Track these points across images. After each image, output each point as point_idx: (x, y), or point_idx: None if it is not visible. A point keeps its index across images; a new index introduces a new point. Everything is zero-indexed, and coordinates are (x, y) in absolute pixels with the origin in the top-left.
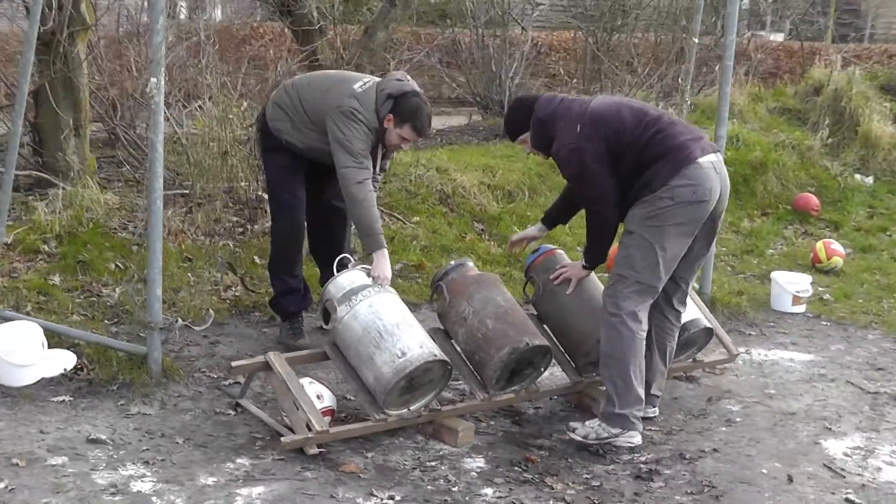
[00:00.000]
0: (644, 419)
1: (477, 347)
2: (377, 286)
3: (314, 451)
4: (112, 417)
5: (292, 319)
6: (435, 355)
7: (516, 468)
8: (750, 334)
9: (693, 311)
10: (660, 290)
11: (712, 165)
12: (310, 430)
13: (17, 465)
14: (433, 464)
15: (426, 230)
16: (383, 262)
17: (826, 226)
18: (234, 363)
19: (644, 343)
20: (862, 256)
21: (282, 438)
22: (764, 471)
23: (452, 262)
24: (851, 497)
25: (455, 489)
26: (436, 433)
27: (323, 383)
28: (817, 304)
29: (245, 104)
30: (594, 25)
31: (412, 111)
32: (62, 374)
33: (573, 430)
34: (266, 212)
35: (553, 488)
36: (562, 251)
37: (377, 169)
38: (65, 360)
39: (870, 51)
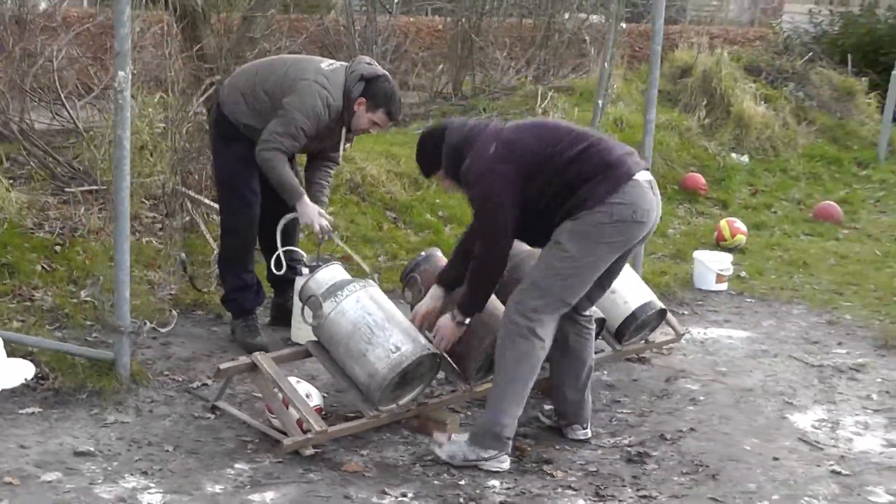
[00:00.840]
0: (578, 441)
1: (458, 339)
2: (360, 282)
3: (310, 451)
4: (90, 427)
5: (247, 317)
6: (428, 349)
7: (511, 458)
8: (683, 313)
9: (646, 293)
10: (572, 305)
11: (650, 185)
12: (304, 430)
13: (11, 483)
14: (430, 458)
15: (344, 221)
16: (306, 209)
17: (714, 204)
18: (221, 366)
19: (540, 360)
20: (757, 234)
21: (283, 441)
22: (746, 447)
23: (423, 253)
24: (836, 468)
25: (462, 482)
26: (422, 427)
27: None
28: (736, 281)
29: (158, 96)
30: (466, 10)
31: (387, 96)
32: (23, 385)
33: (439, 446)
34: (183, 207)
35: (554, 476)
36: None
37: (340, 152)
38: (24, 370)
39: (727, 32)
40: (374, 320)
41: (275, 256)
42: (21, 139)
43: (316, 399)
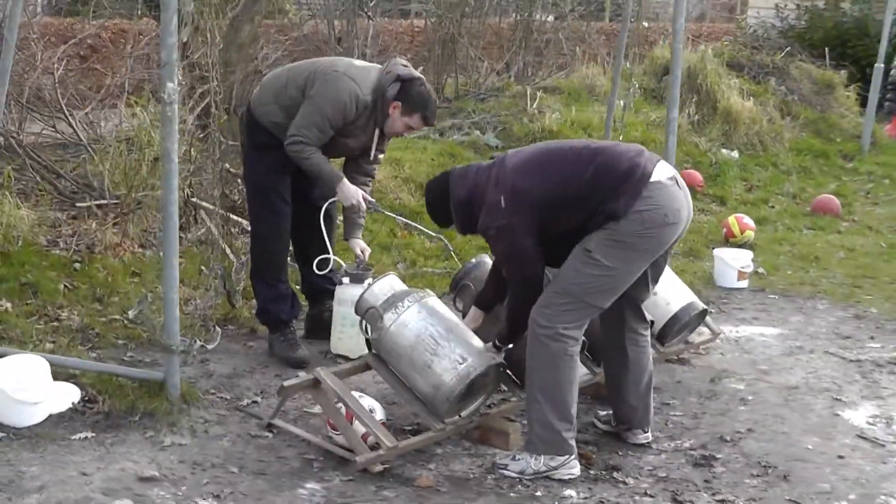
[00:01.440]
0: (639, 445)
1: (516, 346)
2: (418, 293)
3: (379, 468)
4: (148, 451)
5: (284, 329)
6: (494, 358)
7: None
8: (711, 312)
9: (687, 293)
10: (604, 309)
11: (673, 180)
12: (370, 446)
13: None
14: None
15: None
16: (346, 189)
17: (712, 201)
18: (285, 383)
19: (577, 360)
20: (761, 229)
21: (357, 458)
22: (809, 446)
23: (473, 260)
24: None
25: (538, 493)
26: (484, 437)
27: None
28: (755, 278)
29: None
30: (449, 12)
31: (424, 100)
32: (71, 409)
33: (505, 468)
34: (197, 219)
35: (627, 483)
36: None
37: (372, 156)
38: (70, 394)
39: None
40: (438, 331)
41: (318, 259)
42: (22, 153)
43: (380, 413)
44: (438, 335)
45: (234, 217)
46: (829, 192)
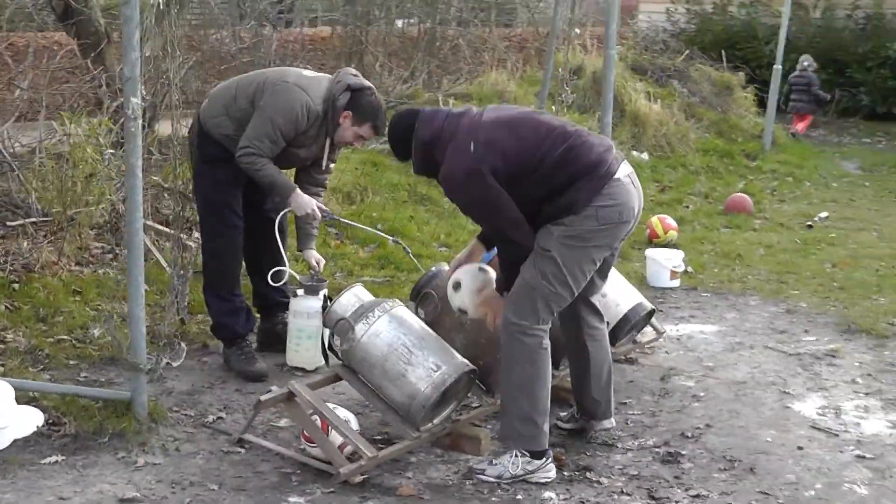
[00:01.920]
0: (603, 430)
1: (480, 353)
2: (387, 302)
3: (359, 478)
4: (122, 472)
5: (240, 343)
6: (468, 365)
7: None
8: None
9: (635, 294)
10: (568, 302)
11: (630, 179)
12: (346, 457)
13: None
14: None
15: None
16: (300, 200)
17: None
18: (262, 398)
19: (549, 354)
20: (681, 229)
21: (340, 470)
22: (767, 439)
23: (433, 269)
24: (859, 453)
25: (519, 497)
26: (455, 444)
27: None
28: (685, 277)
29: (96, 119)
30: (356, 19)
31: (374, 109)
32: (36, 433)
33: (482, 472)
34: None
35: (601, 483)
36: None
37: (323, 166)
38: (33, 418)
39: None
40: (410, 340)
41: (272, 271)
42: None
43: (354, 424)
44: (411, 344)
45: (167, 230)
46: (738, 190)
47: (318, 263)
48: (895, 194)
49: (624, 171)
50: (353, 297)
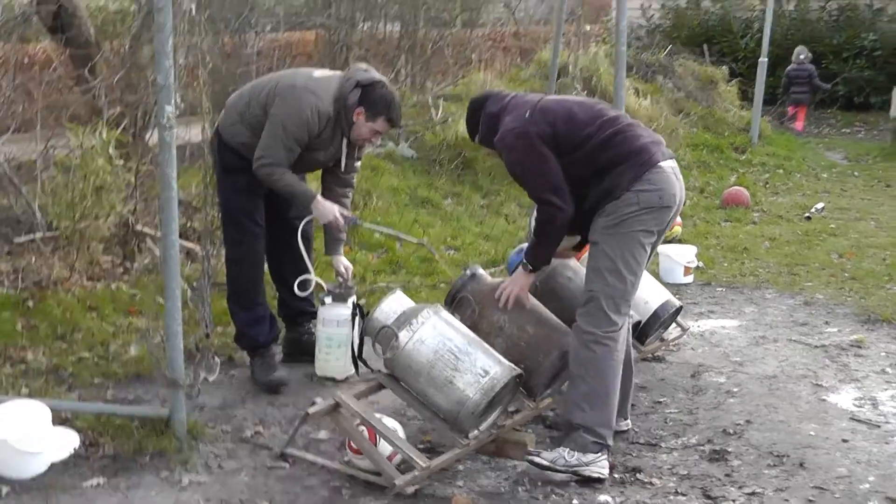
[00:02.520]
0: (618, 432)
1: (521, 356)
2: (430, 307)
3: (412, 489)
4: (168, 492)
5: (263, 353)
6: (514, 369)
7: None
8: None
9: (663, 291)
10: (632, 299)
11: (672, 171)
12: (397, 468)
13: None
14: (526, 481)
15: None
16: (322, 207)
17: None
18: (310, 410)
19: (621, 361)
20: (682, 224)
21: (395, 481)
22: (811, 433)
23: (467, 272)
24: None
25: (575, 502)
26: (500, 450)
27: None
28: (697, 272)
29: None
30: (341, 23)
31: (386, 103)
32: (73, 456)
33: (537, 455)
34: (141, 249)
35: (654, 484)
36: None
37: (342, 168)
38: (69, 440)
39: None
40: (456, 345)
41: (298, 280)
42: None
43: (402, 433)
44: (458, 349)
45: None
46: (731, 184)
47: (346, 270)
48: (885, 183)
49: (668, 163)
50: (395, 303)
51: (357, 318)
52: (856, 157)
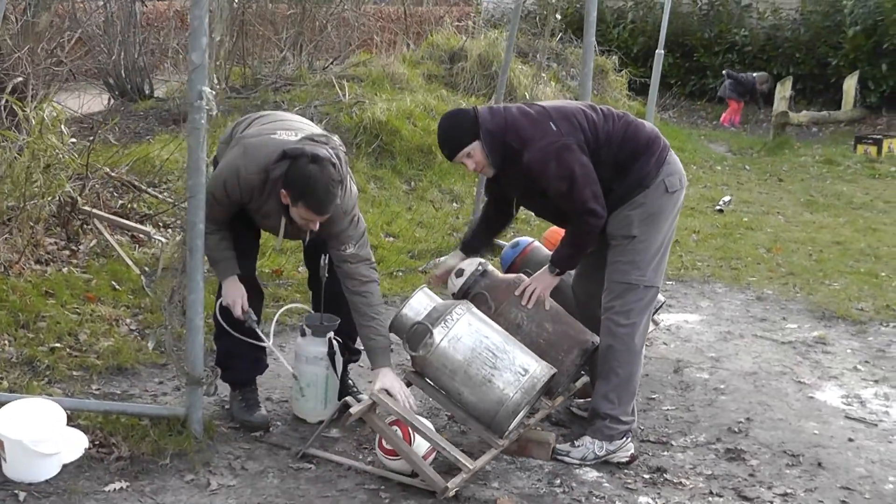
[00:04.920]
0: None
1: (540, 354)
2: (462, 304)
3: (451, 492)
4: (198, 497)
5: (244, 388)
6: (551, 367)
7: (626, 471)
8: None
9: None
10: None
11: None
12: (437, 470)
13: None
14: (559, 482)
15: None
16: (226, 289)
17: None
18: (352, 411)
19: (641, 351)
20: None
21: (447, 484)
22: (815, 432)
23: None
24: None
25: (617, 503)
26: (523, 450)
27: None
28: None
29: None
30: None
31: (305, 184)
32: (86, 457)
33: (567, 454)
34: (89, 230)
35: (683, 484)
36: (538, 242)
37: (280, 241)
38: (79, 440)
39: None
40: (493, 343)
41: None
42: None
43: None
44: (495, 347)
45: (125, 222)
46: None
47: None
48: (777, 178)
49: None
50: (424, 299)
51: (336, 356)
52: (739, 151)
